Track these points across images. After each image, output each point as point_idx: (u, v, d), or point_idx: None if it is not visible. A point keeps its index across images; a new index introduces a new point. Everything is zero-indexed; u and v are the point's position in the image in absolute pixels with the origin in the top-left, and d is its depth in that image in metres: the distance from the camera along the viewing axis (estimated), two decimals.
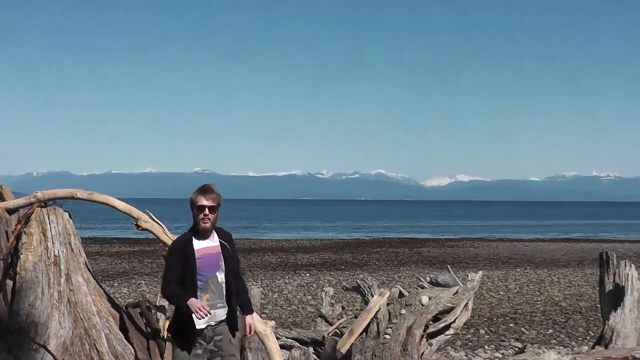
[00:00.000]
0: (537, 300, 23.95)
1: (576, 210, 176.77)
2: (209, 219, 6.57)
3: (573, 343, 16.96)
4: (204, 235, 6.64)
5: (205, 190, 6.61)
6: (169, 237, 8.97)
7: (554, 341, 17.26)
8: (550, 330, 18.71)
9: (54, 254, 8.44)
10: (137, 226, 8.99)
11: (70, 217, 8.92)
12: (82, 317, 8.26)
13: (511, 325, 19.21)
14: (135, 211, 9.09)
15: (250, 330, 6.92)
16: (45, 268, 8.32)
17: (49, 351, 7.81)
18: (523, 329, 18.64)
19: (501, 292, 25.22)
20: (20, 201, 9.08)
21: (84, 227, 64.21)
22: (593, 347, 11.38)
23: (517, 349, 15.13)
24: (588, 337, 17.43)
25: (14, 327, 7.88)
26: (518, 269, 32.96)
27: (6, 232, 8.67)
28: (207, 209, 6.55)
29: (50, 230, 8.58)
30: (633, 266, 11.39)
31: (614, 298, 11.28)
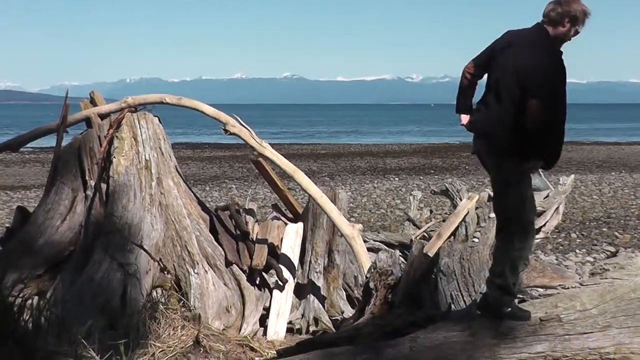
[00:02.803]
0: (632, 205, 23.43)
1: None
2: None
3: None
4: None
5: None
6: (256, 142, 9.03)
7: None
8: None
9: (145, 158, 8.60)
10: (226, 130, 9.07)
11: (160, 122, 9.05)
12: (173, 220, 8.44)
13: (604, 229, 18.88)
14: (223, 116, 9.15)
15: None
16: (137, 172, 8.50)
17: (145, 250, 8.03)
18: (616, 233, 18.30)
19: (594, 196, 24.74)
20: (112, 106, 9.25)
21: (176, 132, 65.40)
22: None
23: (609, 253, 14.91)
24: None
25: (109, 228, 8.11)
26: (613, 173, 32.21)
27: (99, 136, 8.86)
28: None
29: (141, 134, 8.74)
30: None
31: None
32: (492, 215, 9.68)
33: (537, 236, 10.14)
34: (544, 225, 10.19)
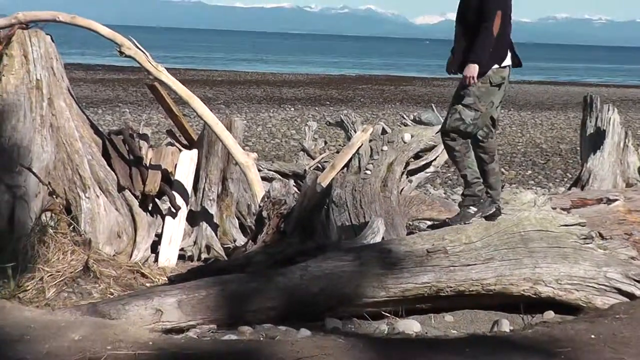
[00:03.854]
0: (519, 142, 24.21)
1: (565, 53, 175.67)
2: None
3: (550, 184, 17.29)
4: None
5: None
6: (152, 66, 8.86)
7: (532, 182, 17.59)
8: (530, 172, 19.03)
9: (36, 78, 8.33)
10: (121, 53, 8.85)
11: (53, 41, 8.75)
12: (65, 142, 8.25)
13: None
14: (119, 37, 8.92)
15: (466, 80, 6.26)
16: (27, 91, 8.22)
17: (33, 173, 7.85)
18: (503, 170, 18.90)
19: None
20: (1, 22, 8.89)
21: (68, 52, 63.40)
22: (569, 189, 11.59)
23: None
24: (565, 179, 17.74)
25: None
26: (502, 111, 33.00)
27: None
28: None
29: (32, 53, 8.42)
30: (616, 110, 11.45)
31: (595, 141, 11.41)
32: (385, 148, 9.86)
33: (427, 170, 10.40)
34: (435, 159, 10.42)
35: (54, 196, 7.99)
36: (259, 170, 9.47)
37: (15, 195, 7.58)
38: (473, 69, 6.18)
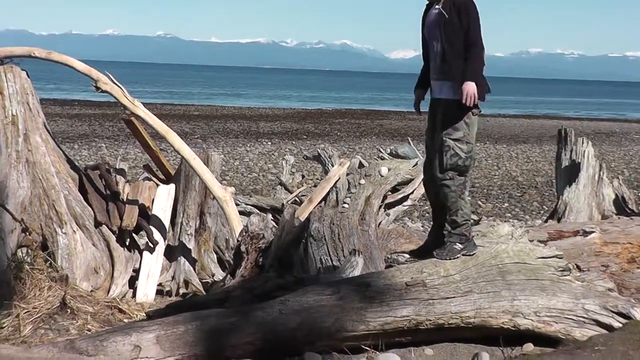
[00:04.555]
0: (495, 175, 24.33)
1: (538, 88, 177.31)
2: None
3: (527, 217, 17.35)
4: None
5: None
6: (129, 101, 8.86)
7: (509, 214, 17.65)
8: (506, 204, 19.10)
9: (12, 113, 8.29)
10: (97, 88, 8.85)
11: (28, 76, 8.73)
12: (41, 178, 8.20)
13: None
14: (94, 72, 8.92)
15: (464, 98, 6.07)
16: (3, 127, 8.18)
17: (7, 210, 7.78)
18: (479, 202, 18.99)
19: None
20: None
21: (44, 88, 63.21)
22: (546, 221, 11.67)
23: (472, 222, 15.45)
24: (542, 212, 17.84)
25: None
26: (478, 144, 33.14)
27: None
28: None
29: (7, 88, 8.39)
30: (590, 143, 11.57)
31: (570, 174, 11.52)
32: (363, 181, 9.88)
33: (405, 203, 10.42)
34: (412, 192, 10.46)
35: (27, 232, 7.91)
36: (237, 205, 9.46)
37: None
38: (472, 87, 6.05)
